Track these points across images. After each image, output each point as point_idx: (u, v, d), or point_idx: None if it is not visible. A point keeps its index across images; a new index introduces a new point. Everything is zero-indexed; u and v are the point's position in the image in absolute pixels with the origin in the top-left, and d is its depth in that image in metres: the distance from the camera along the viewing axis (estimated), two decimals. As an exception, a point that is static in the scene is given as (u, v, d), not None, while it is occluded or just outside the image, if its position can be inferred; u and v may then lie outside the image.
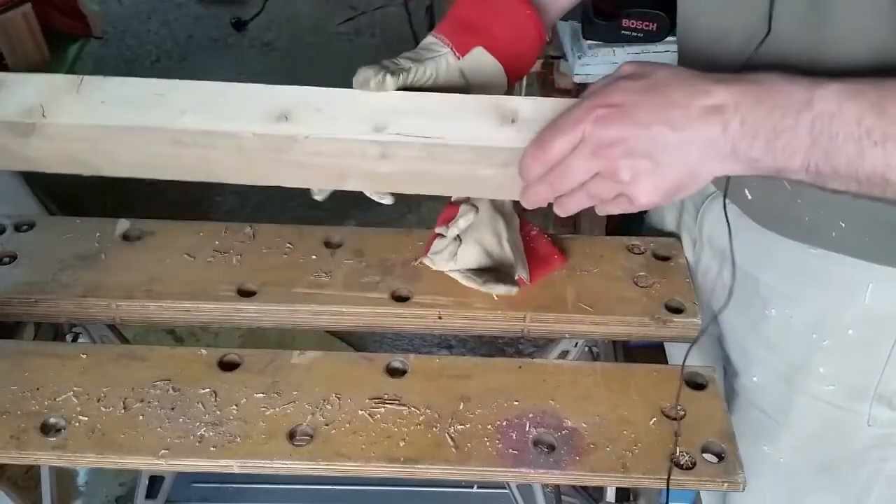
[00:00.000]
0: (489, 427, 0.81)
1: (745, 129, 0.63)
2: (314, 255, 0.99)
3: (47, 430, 0.79)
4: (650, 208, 0.75)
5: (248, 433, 0.80)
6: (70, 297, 0.93)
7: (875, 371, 0.84)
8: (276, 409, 0.82)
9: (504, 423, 0.81)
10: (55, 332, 1.07)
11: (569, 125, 0.66)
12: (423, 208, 2.48)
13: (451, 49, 0.80)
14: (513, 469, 0.78)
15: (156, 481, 1.19)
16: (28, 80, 0.79)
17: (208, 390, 0.84)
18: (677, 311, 0.93)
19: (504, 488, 1.23)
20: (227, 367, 0.86)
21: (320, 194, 0.83)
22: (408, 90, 0.78)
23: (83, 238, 1.01)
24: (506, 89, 0.85)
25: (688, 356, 0.88)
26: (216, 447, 0.79)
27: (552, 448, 0.79)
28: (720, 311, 0.88)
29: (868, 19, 0.66)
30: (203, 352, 0.88)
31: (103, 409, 0.81)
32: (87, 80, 0.78)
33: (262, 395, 0.83)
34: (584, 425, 0.81)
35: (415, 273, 0.97)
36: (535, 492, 1.12)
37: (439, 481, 1.04)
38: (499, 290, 0.92)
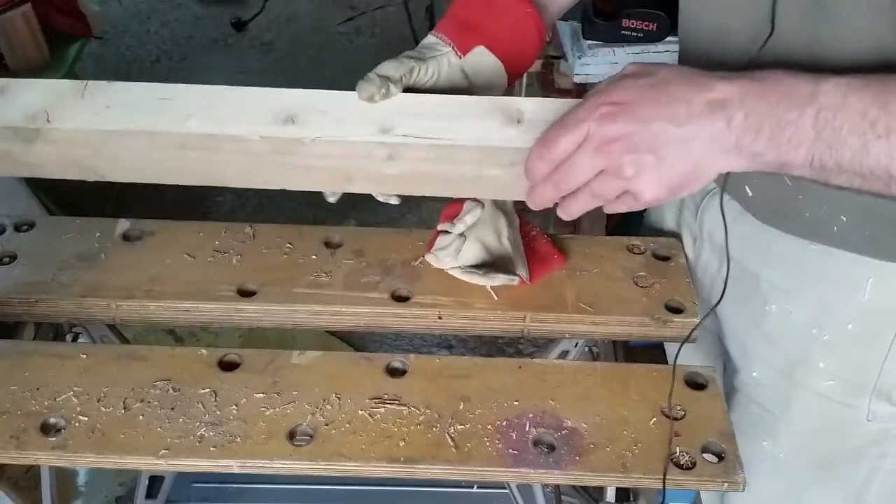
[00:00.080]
0: (489, 427, 0.81)
1: (749, 122, 0.63)
2: (314, 255, 0.99)
3: (47, 430, 0.79)
4: (655, 205, 0.75)
5: (248, 433, 0.80)
6: (70, 297, 0.93)
7: (874, 366, 0.84)
8: (276, 409, 0.82)
9: (504, 423, 0.81)
10: (55, 332, 1.07)
11: (573, 123, 0.67)
12: (423, 208, 2.48)
13: (452, 48, 0.80)
14: (513, 469, 0.78)
15: (156, 481, 1.19)
16: (31, 85, 0.78)
17: (208, 390, 0.84)
18: (677, 311, 0.93)
19: (504, 488, 1.23)
20: (227, 367, 0.87)
21: (333, 196, 0.83)
22: (410, 90, 0.78)
23: (83, 238, 1.01)
24: (506, 87, 0.85)
25: (689, 354, 0.89)
26: (216, 447, 0.79)
27: (552, 448, 0.79)
28: (716, 305, 0.89)
29: (869, 18, 0.67)
30: (203, 352, 0.88)
31: (103, 409, 0.81)
32: (91, 84, 0.78)
33: (262, 395, 0.83)
34: (584, 425, 0.81)
35: (415, 273, 0.97)
36: (535, 492, 1.12)
37: (439, 481, 1.05)
38: (499, 280, 0.92)
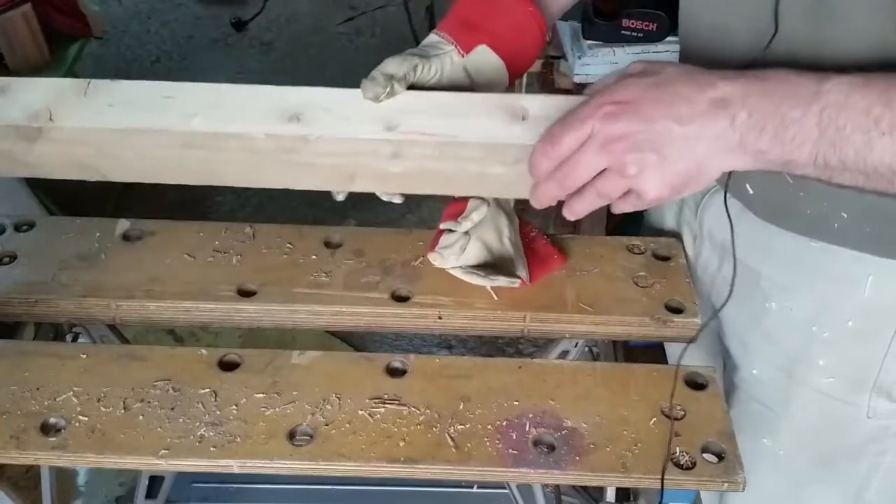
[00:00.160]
0: (489, 427, 0.81)
1: (752, 121, 0.63)
2: (314, 255, 0.99)
3: (47, 430, 0.79)
4: (659, 204, 0.75)
5: (248, 433, 0.80)
6: (70, 297, 0.93)
7: (874, 363, 0.84)
8: (276, 409, 0.82)
9: (504, 423, 0.81)
10: (55, 332, 1.07)
11: (577, 121, 0.67)
12: (424, 208, 2.48)
13: (455, 47, 0.81)
14: (513, 469, 0.78)
15: (156, 481, 1.19)
16: (33, 83, 0.78)
17: (208, 390, 0.84)
18: (677, 311, 0.93)
19: (504, 488, 1.23)
20: (227, 367, 0.86)
21: (341, 194, 0.83)
22: (413, 88, 0.78)
23: (83, 238, 1.01)
24: (507, 86, 0.85)
25: (689, 353, 0.89)
26: (216, 447, 0.79)
27: (552, 448, 0.79)
28: (721, 307, 0.88)
29: (871, 16, 0.67)
30: (203, 352, 0.88)
31: (103, 409, 0.81)
32: (94, 83, 0.77)
33: (262, 395, 0.83)
34: (584, 425, 0.81)
35: (415, 273, 0.97)
36: (535, 492, 1.12)
37: (439, 481, 1.04)
38: (500, 281, 0.92)
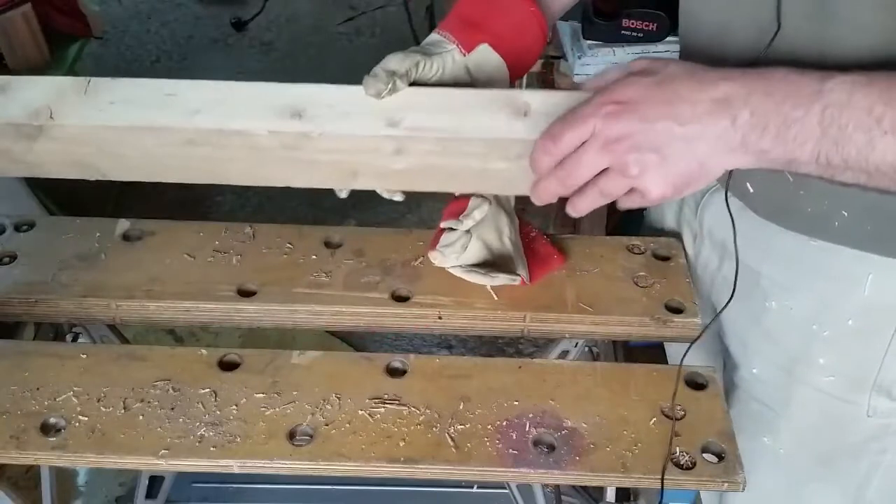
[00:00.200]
0: (489, 427, 0.81)
1: (754, 120, 0.64)
2: (314, 255, 0.99)
3: (47, 430, 0.79)
4: (664, 201, 0.76)
5: (248, 433, 0.80)
6: (70, 297, 0.93)
7: (875, 361, 0.84)
8: (276, 409, 0.82)
9: (504, 423, 0.81)
10: (55, 332, 1.07)
11: (579, 119, 0.68)
12: (423, 208, 2.48)
13: (457, 46, 0.81)
14: (513, 469, 0.78)
15: (156, 481, 1.19)
16: (33, 82, 0.77)
17: (208, 390, 0.84)
18: (677, 311, 0.93)
19: (504, 488, 1.23)
20: (227, 367, 0.86)
21: (344, 191, 0.83)
22: (415, 85, 0.78)
23: (83, 238, 1.01)
24: (508, 85, 0.85)
25: (689, 352, 0.89)
26: (216, 447, 0.79)
27: (552, 448, 0.79)
28: (724, 308, 0.89)
29: (874, 14, 0.67)
30: (203, 352, 0.88)
31: (103, 409, 0.81)
32: (94, 81, 0.77)
33: (262, 395, 0.83)
34: (584, 425, 0.81)
35: (415, 273, 0.97)
36: (535, 492, 1.12)
37: (439, 481, 1.05)
38: (501, 279, 0.92)
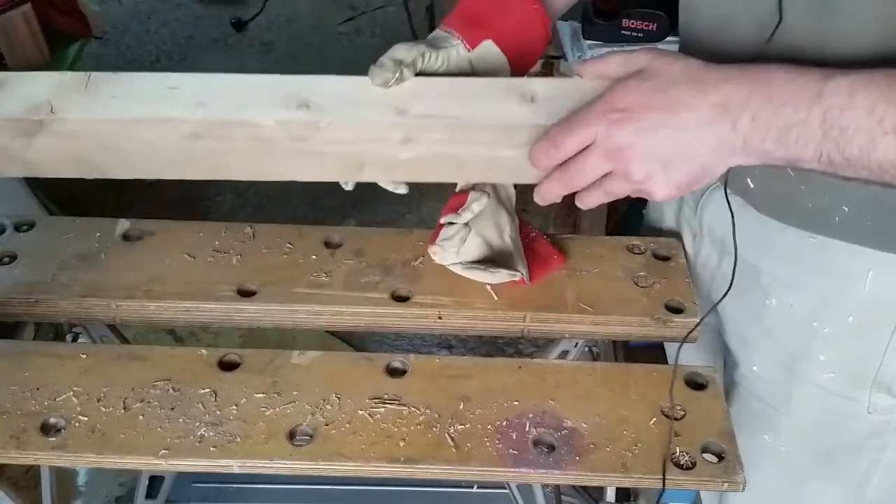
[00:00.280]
0: (489, 427, 0.81)
1: (755, 124, 0.64)
2: (314, 255, 0.99)
3: (47, 430, 0.79)
4: (668, 200, 0.77)
5: (248, 433, 0.80)
6: (70, 297, 0.93)
7: (875, 358, 0.84)
8: (276, 409, 0.82)
9: (504, 423, 0.81)
10: (55, 332, 1.07)
11: (581, 126, 0.69)
12: (423, 208, 2.48)
13: (461, 41, 0.81)
14: (513, 469, 0.78)
15: (156, 481, 1.19)
16: (33, 77, 0.76)
17: (208, 390, 0.84)
18: (677, 311, 0.93)
19: (504, 488, 1.23)
20: (227, 367, 0.87)
21: (349, 184, 0.83)
22: (420, 76, 0.77)
23: (83, 238, 1.01)
24: None
25: (689, 350, 0.89)
26: (216, 447, 0.79)
27: (552, 448, 0.79)
28: (721, 299, 0.89)
29: (876, 6, 0.67)
30: (203, 352, 0.88)
31: (103, 409, 0.81)
32: (95, 76, 0.76)
33: (262, 395, 0.83)
34: (584, 425, 0.81)
35: (415, 273, 0.97)
36: (535, 492, 1.12)
37: (439, 481, 1.05)
38: (501, 275, 0.91)
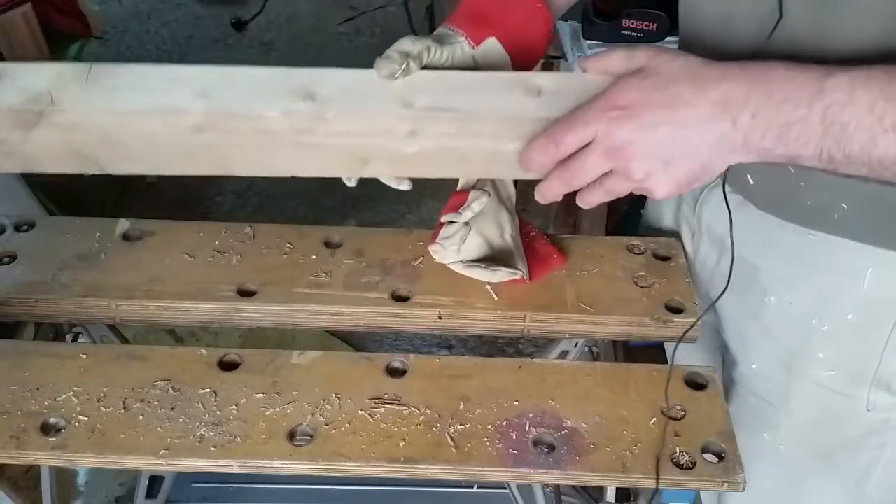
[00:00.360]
0: (489, 427, 0.81)
1: (756, 122, 0.64)
2: (314, 255, 0.99)
3: (47, 430, 0.79)
4: (669, 197, 0.77)
5: (248, 433, 0.80)
6: (70, 297, 0.93)
7: (874, 355, 0.84)
8: (276, 409, 0.82)
9: (504, 423, 0.81)
10: (55, 332, 1.07)
11: (581, 124, 0.69)
12: (423, 208, 2.48)
13: (465, 38, 0.81)
14: (513, 469, 0.78)
15: (156, 481, 1.19)
16: (33, 68, 0.74)
17: (208, 390, 0.84)
18: (677, 311, 0.93)
19: (504, 488, 1.23)
20: (227, 367, 0.87)
21: (352, 180, 0.83)
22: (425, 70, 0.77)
23: (83, 238, 1.01)
24: None
25: (687, 349, 0.88)
26: (216, 447, 0.79)
27: (552, 448, 0.79)
28: (719, 297, 0.89)
29: (877, 1, 0.67)
30: (203, 352, 0.88)
31: (103, 409, 0.81)
32: (96, 67, 0.74)
33: (262, 395, 0.83)
34: (584, 425, 0.81)
35: (415, 273, 0.97)
36: (535, 492, 1.12)
37: (439, 481, 1.04)
38: (501, 273, 0.91)
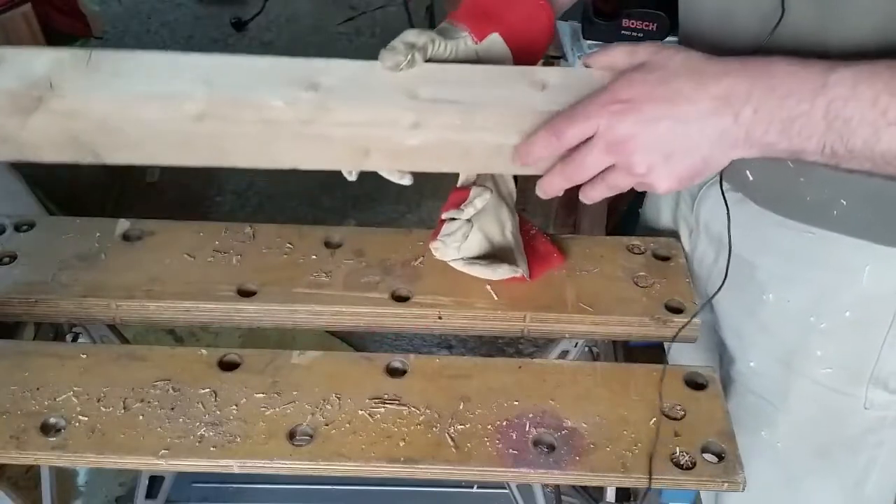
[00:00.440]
0: (489, 427, 0.81)
1: (758, 116, 0.64)
2: (314, 255, 0.99)
3: (47, 430, 0.79)
4: (671, 192, 0.77)
5: (248, 433, 0.80)
6: (70, 297, 0.93)
7: (872, 353, 0.84)
8: (276, 409, 0.82)
9: (504, 423, 0.81)
10: (55, 332, 1.07)
11: (583, 117, 0.69)
12: (423, 208, 2.48)
13: (469, 33, 0.81)
14: (513, 469, 0.78)
15: (156, 481, 1.19)
16: (32, 53, 0.73)
17: (208, 390, 0.84)
18: (677, 311, 0.93)
19: (504, 488, 1.23)
20: (227, 367, 0.87)
21: (353, 173, 0.83)
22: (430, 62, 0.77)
23: (83, 238, 1.01)
24: None
25: (685, 348, 0.88)
26: (216, 447, 0.79)
27: (552, 448, 0.79)
28: (716, 292, 0.89)
29: None
30: (203, 352, 0.88)
31: (103, 409, 0.81)
32: (97, 53, 0.73)
33: (262, 395, 0.83)
34: (584, 425, 0.81)
35: (415, 273, 0.97)
36: (535, 492, 1.12)
37: (439, 481, 1.05)
38: (503, 270, 0.91)
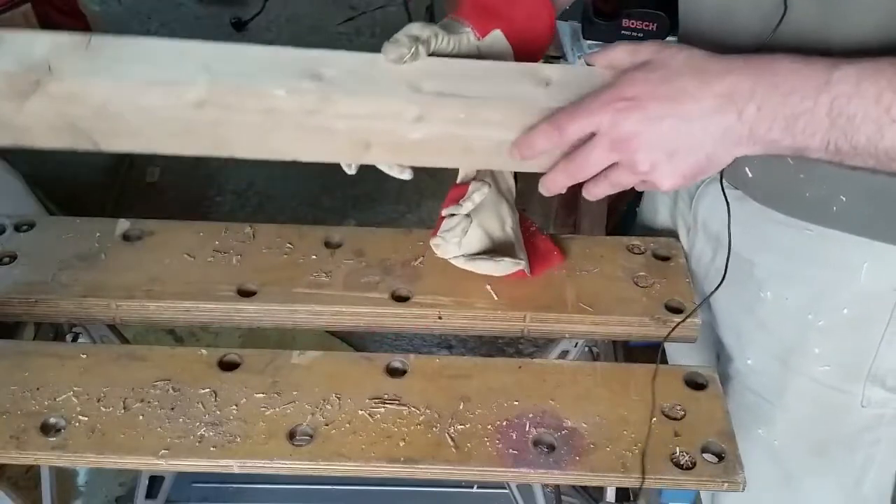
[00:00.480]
0: (489, 427, 0.81)
1: (762, 114, 0.64)
2: (314, 255, 0.99)
3: (47, 430, 0.79)
4: (675, 190, 0.77)
5: (248, 433, 0.80)
6: (70, 297, 0.93)
7: (869, 351, 0.85)
8: (276, 409, 0.82)
9: (504, 423, 0.81)
10: (55, 332, 1.07)
11: (586, 114, 0.69)
12: (423, 208, 2.48)
13: (472, 29, 0.81)
14: (513, 469, 0.78)
15: (156, 481, 1.19)
16: (31, 36, 0.72)
17: (208, 390, 0.84)
18: (677, 310, 0.93)
19: (504, 488, 1.23)
20: (227, 367, 0.87)
21: (352, 167, 0.83)
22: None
23: (83, 238, 1.01)
24: None
25: (683, 347, 0.88)
26: (216, 447, 0.79)
27: (552, 448, 0.79)
28: (715, 289, 0.89)
29: None
30: (203, 352, 0.88)
31: (103, 409, 0.81)
32: (96, 38, 0.72)
33: (262, 395, 0.83)
34: (584, 425, 0.81)
35: (415, 273, 0.97)
36: (535, 492, 1.12)
37: (439, 481, 1.05)
38: (505, 263, 0.91)
